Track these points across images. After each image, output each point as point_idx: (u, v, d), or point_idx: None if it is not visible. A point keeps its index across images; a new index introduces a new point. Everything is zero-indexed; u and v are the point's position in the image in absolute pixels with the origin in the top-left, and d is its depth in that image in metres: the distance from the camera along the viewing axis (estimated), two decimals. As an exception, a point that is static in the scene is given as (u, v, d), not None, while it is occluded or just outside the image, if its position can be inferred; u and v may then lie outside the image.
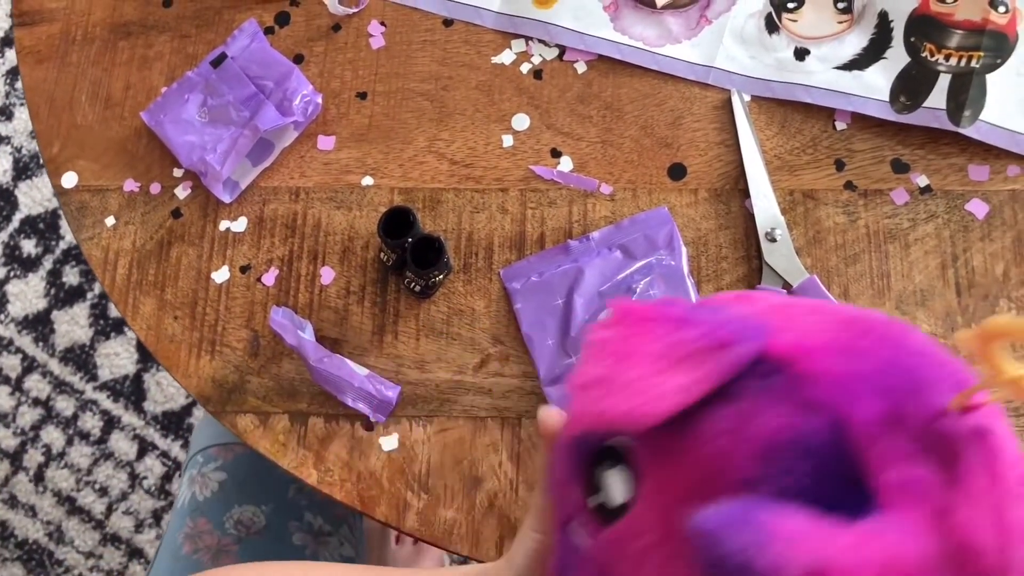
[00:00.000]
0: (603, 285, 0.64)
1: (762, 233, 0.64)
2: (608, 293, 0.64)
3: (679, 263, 0.64)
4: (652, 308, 0.34)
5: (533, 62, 0.71)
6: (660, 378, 0.31)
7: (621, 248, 0.65)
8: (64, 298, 1.41)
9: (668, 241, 0.65)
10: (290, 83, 0.69)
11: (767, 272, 0.64)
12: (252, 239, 0.69)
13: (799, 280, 0.63)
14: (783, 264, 0.64)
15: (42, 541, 1.33)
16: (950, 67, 0.66)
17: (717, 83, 0.69)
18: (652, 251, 0.65)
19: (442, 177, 0.69)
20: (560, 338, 0.63)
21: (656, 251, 0.65)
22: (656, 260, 0.64)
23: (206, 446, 0.80)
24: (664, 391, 0.31)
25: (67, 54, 0.74)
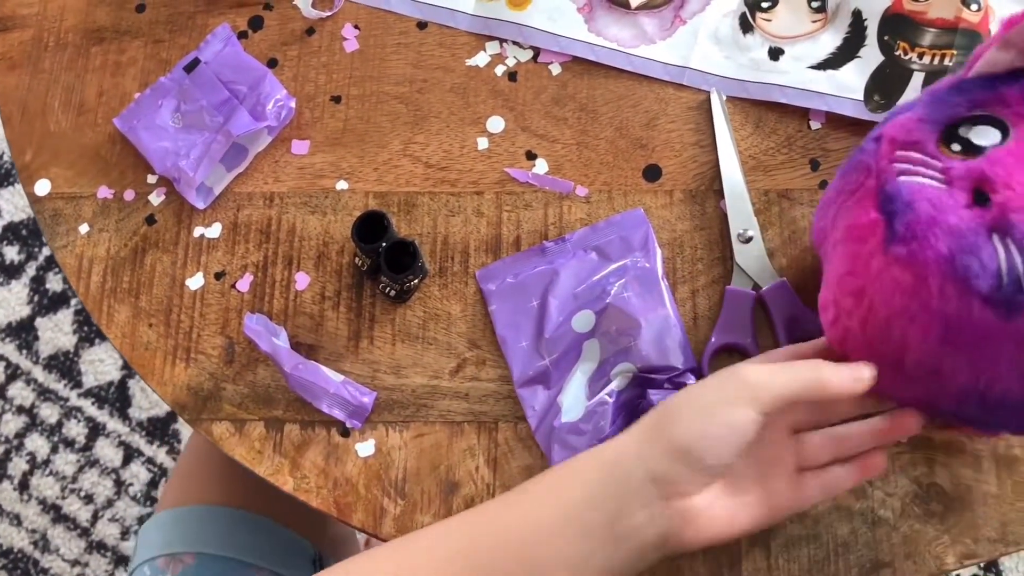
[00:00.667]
0: (578, 287, 0.64)
1: (734, 234, 0.64)
2: (582, 295, 0.64)
3: (654, 265, 0.64)
4: None
5: (508, 64, 0.71)
6: None
7: (596, 250, 0.65)
8: (48, 305, 1.40)
9: (643, 243, 0.65)
10: (263, 87, 0.69)
11: (737, 272, 0.64)
12: (227, 245, 0.68)
13: (769, 283, 0.63)
14: (754, 266, 0.64)
15: (27, 550, 1.32)
16: (924, 65, 0.66)
17: (692, 83, 0.69)
18: (627, 253, 0.64)
19: (417, 181, 0.69)
20: (534, 340, 0.63)
21: (631, 253, 0.64)
22: (631, 262, 0.64)
23: (152, 557, 0.74)
24: None
25: (39, 60, 0.74)
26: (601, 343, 0.62)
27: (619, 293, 0.63)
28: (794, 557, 0.60)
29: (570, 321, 0.63)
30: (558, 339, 0.63)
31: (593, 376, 0.62)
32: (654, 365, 0.61)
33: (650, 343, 0.61)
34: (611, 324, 0.62)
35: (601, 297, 0.63)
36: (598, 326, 0.62)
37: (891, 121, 0.51)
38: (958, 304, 0.46)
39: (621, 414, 0.61)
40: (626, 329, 0.62)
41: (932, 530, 0.59)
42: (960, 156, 0.48)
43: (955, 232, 0.46)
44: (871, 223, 0.49)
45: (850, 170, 0.52)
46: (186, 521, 0.75)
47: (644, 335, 0.61)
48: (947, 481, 0.60)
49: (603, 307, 0.62)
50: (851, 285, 0.50)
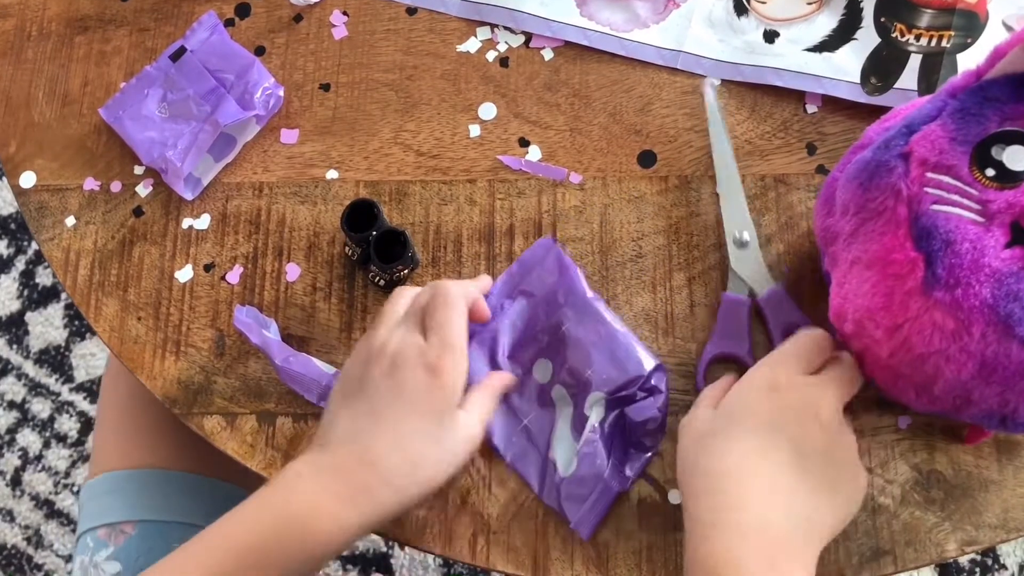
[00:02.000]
0: (522, 338, 0.62)
1: (730, 238, 0.63)
2: (528, 344, 0.62)
3: (576, 285, 0.62)
4: None
5: (499, 50, 0.70)
6: None
7: (522, 294, 0.63)
8: (38, 299, 1.39)
9: (557, 268, 0.63)
10: (251, 76, 0.68)
11: (733, 278, 0.62)
12: (216, 236, 0.67)
13: (766, 288, 0.62)
14: (749, 271, 0.62)
15: (20, 546, 1.31)
16: (921, 47, 0.65)
17: (686, 68, 0.68)
18: (547, 285, 0.63)
19: (408, 169, 0.68)
20: (505, 407, 0.61)
21: (551, 283, 0.62)
22: (557, 293, 0.62)
23: (92, 526, 0.74)
24: None
25: (22, 50, 0.73)
26: (566, 385, 0.61)
27: (558, 328, 0.61)
28: (794, 546, 0.59)
29: (532, 374, 0.62)
30: (528, 397, 0.61)
31: (574, 420, 0.61)
32: (619, 384, 0.60)
33: (606, 364, 0.60)
34: (564, 363, 0.61)
35: (545, 339, 0.62)
36: (555, 370, 0.61)
37: (918, 136, 0.50)
38: (997, 347, 0.48)
39: (612, 443, 0.60)
40: (579, 361, 0.60)
41: (933, 517, 0.59)
42: (996, 185, 0.49)
43: (998, 277, 0.47)
44: (908, 261, 0.49)
45: (871, 184, 0.51)
46: (122, 487, 0.74)
47: (597, 359, 0.60)
48: (948, 467, 0.59)
49: (552, 348, 0.61)
50: (886, 321, 0.50)
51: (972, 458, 0.59)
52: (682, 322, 0.63)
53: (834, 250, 0.56)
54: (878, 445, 0.60)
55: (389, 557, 1.27)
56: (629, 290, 0.64)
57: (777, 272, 0.63)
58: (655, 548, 0.60)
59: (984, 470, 0.59)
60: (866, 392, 0.61)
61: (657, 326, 0.63)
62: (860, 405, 0.61)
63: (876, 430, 0.60)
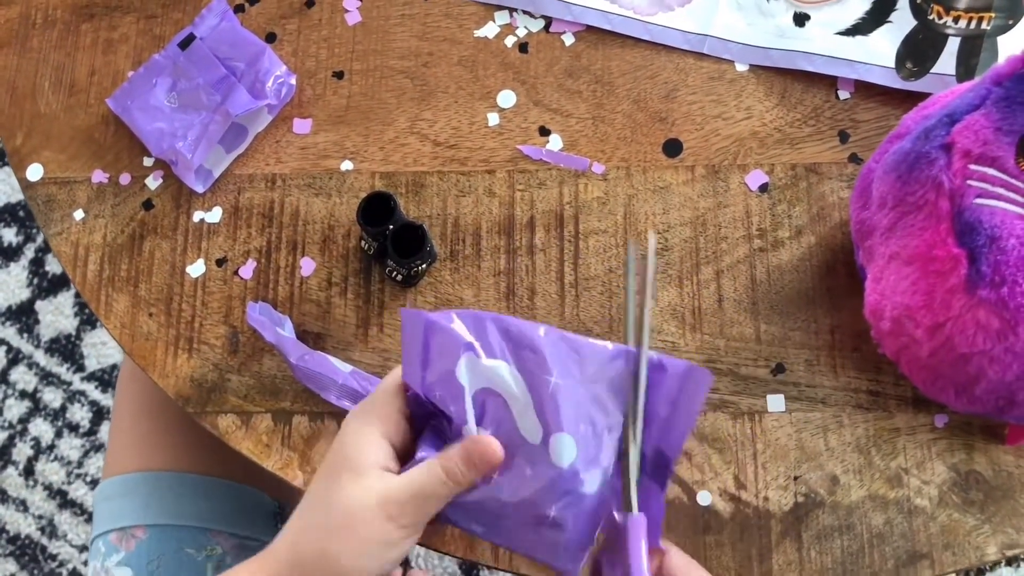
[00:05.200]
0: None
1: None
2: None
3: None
4: None
5: (518, 35, 0.67)
6: None
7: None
8: (48, 288, 1.37)
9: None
10: (262, 64, 0.66)
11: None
12: (228, 230, 0.65)
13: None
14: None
15: (34, 536, 1.31)
16: (959, 30, 0.62)
17: (713, 52, 0.66)
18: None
19: (425, 160, 0.66)
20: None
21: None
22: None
23: (104, 531, 0.72)
24: None
25: (27, 39, 0.71)
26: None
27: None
28: (827, 549, 0.57)
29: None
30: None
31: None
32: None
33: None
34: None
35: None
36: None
37: (961, 127, 0.48)
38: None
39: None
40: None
41: (972, 519, 0.57)
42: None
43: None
44: (950, 257, 0.47)
45: (911, 176, 0.49)
46: (134, 490, 0.73)
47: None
48: (987, 468, 0.57)
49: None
50: (926, 320, 0.48)
51: (1013, 458, 0.57)
52: (710, 317, 0.61)
53: (870, 244, 0.54)
54: (914, 445, 0.58)
55: (404, 547, 1.26)
56: (655, 284, 0.62)
57: (763, 289, 0.61)
58: (684, 551, 0.58)
59: (1025, 471, 0.57)
60: (902, 390, 0.59)
61: (684, 321, 0.61)
62: (896, 403, 0.59)
63: (912, 429, 0.58)
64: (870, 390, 0.59)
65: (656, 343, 0.61)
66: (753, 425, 0.59)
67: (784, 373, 0.60)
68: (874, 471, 0.58)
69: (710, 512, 0.58)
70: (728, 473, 0.59)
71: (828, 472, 0.58)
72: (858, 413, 0.59)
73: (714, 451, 0.59)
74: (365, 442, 0.46)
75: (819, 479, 0.58)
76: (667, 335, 0.61)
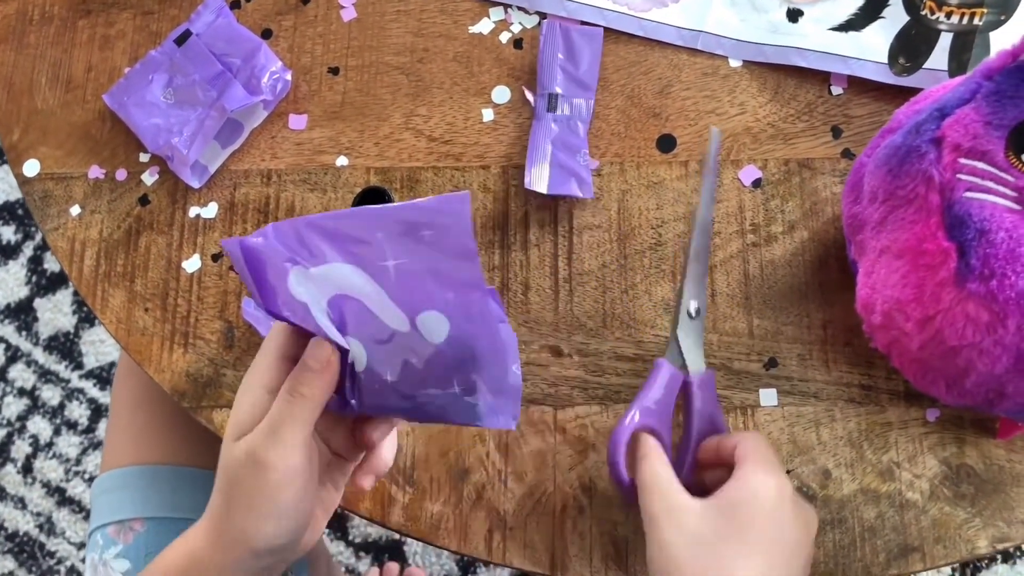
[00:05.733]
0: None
1: (684, 308, 0.57)
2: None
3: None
4: None
5: (513, 31, 0.68)
6: None
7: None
8: (46, 285, 1.38)
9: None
10: (258, 60, 0.66)
11: (672, 347, 0.56)
12: (223, 225, 0.66)
13: (699, 368, 0.56)
14: (690, 344, 0.56)
15: (33, 533, 1.31)
16: (951, 25, 0.62)
17: (707, 48, 0.66)
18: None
19: (420, 155, 0.66)
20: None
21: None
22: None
23: (103, 523, 0.72)
24: None
25: (24, 35, 0.71)
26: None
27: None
28: (818, 543, 0.57)
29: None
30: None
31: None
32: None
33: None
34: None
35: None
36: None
37: (951, 121, 0.48)
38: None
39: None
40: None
41: (963, 513, 0.57)
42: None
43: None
44: (940, 251, 0.47)
45: (901, 170, 0.50)
46: (132, 483, 0.73)
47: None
48: (978, 461, 0.58)
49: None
50: (916, 313, 0.49)
51: (1004, 452, 0.58)
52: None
53: (861, 238, 0.54)
54: (906, 439, 0.58)
55: (402, 544, 1.26)
56: (648, 279, 0.62)
57: (755, 283, 0.61)
58: (676, 544, 0.58)
59: (1017, 464, 0.57)
60: (894, 384, 0.59)
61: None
62: (888, 397, 0.59)
63: (904, 423, 0.59)
64: (862, 384, 0.59)
65: (650, 337, 0.61)
66: (746, 419, 0.60)
67: (777, 367, 0.60)
68: (866, 465, 0.58)
69: (703, 506, 0.58)
70: (721, 467, 0.59)
71: (820, 466, 0.58)
72: (850, 407, 0.59)
73: (707, 445, 0.59)
74: (245, 401, 0.45)
75: (811, 473, 0.58)
76: (661, 329, 0.61)
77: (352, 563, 1.26)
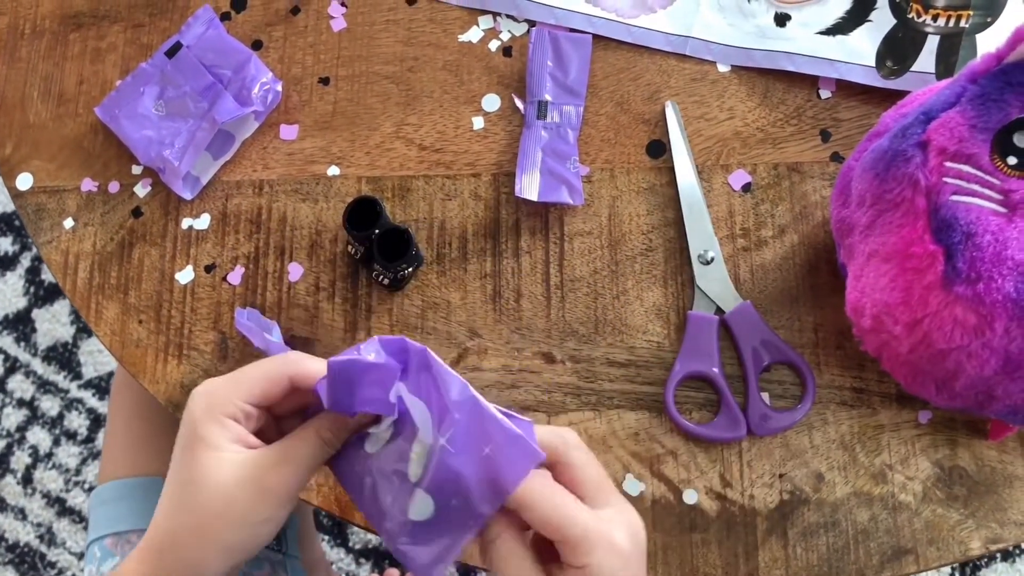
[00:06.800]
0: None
1: (694, 255, 0.62)
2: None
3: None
4: None
5: (502, 39, 0.68)
6: None
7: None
8: (44, 296, 1.38)
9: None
10: (248, 71, 0.66)
11: (699, 296, 0.61)
12: (216, 236, 0.66)
13: (733, 305, 0.60)
14: (716, 289, 0.61)
15: (33, 544, 1.31)
16: (938, 28, 0.63)
17: (695, 54, 0.66)
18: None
19: (411, 164, 0.66)
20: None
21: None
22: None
23: (100, 535, 0.72)
24: None
25: (16, 49, 0.71)
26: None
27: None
28: (812, 546, 0.57)
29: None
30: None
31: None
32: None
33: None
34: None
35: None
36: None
37: (937, 124, 0.49)
38: (1022, 342, 0.46)
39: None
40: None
41: (956, 514, 0.57)
42: (1018, 174, 0.47)
43: (1021, 270, 0.45)
44: (927, 255, 0.47)
45: (888, 174, 0.50)
46: (129, 495, 0.73)
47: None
48: (970, 463, 0.58)
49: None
50: (905, 316, 0.49)
51: (996, 453, 0.58)
52: (694, 317, 0.62)
53: (850, 242, 0.54)
54: (898, 441, 0.59)
55: (402, 550, 1.26)
56: (640, 285, 0.62)
57: (746, 288, 0.61)
58: (670, 549, 0.58)
59: (1008, 465, 0.58)
60: (886, 387, 0.59)
61: (669, 321, 0.62)
62: (880, 400, 0.59)
63: (896, 425, 0.59)
64: (854, 387, 0.60)
65: (641, 343, 0.61)
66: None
67: (768, 371, 0.60)
68: (859, 468, 0.58)
69: (696, 510, 0.59)
70: (714, 471, 0.59)
71: (813, 469, 0.59)
72: (842, 410, 0.59)
73: (700, 450, 0.59)
74: (214, 422, 0.44)
75: (804, 476, 0.59)
76: (652, 335, 0.61)
77: (352, 569, 1.26)
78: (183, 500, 0.44)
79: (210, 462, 0.43)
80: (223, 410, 0.44)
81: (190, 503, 0.44)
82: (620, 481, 0.59)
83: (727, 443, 0.59)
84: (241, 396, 0.44)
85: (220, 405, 0.44)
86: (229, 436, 0.44)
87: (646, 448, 0.60)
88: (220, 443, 0.44)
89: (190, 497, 0.44)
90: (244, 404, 0.44)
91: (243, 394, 0.45)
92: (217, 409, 0.44)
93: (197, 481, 0.43)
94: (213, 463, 0.43)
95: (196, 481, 0.43)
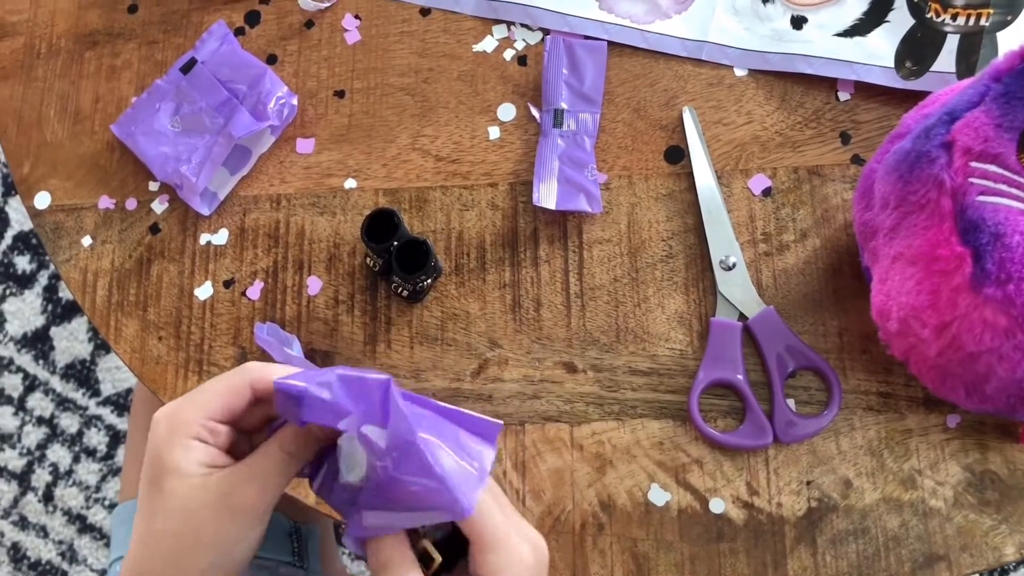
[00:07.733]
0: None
1: (716, 261, 0.61)
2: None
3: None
4: None
5: (516, 48, 0.68)
6: None
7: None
8: (61, 313, 1.39)
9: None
10: (263, 85, 0.66)
11: (722, 303, 0.60)
12: (234, 252, 0.66)
13: (756, 310, 0.60)
14: (739, 294, 0.60)
15: (55, 561, 1.31)
16: (958, 27, 0.62)
17: (711, 58, 0.66)
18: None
19: (428, 175, 0.66)
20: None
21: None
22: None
23: (122, 554, 0.70)
24: None
25: (32, 68, 0.71)
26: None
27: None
28: (842, 553, 0.57)
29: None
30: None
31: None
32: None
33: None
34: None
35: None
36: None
37: (961, 124, 0.48)
38: None
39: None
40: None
41: (988, 520, 0.56)
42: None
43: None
44: (955, 256, 0.47)
45: (912, 176, 0.49)
46: None
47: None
48: (1002, 467, 0.57)
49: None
50: (933, 319, 0.48)
51: (1027, 456, 0.57)
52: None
53: (874, 245, 0.54)
54: (927, 446, 0.58)
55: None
56: (661, 292, 0.62)
57: (769, 293, 0.61)
58: (698, 560, 0.57)
59: (1040, 469, 0.57)
60: (913, 391, 0.59)
61: (691, 329, 0.61)
62: (907, 404, 0.58)
63: (924, 430, 0.58)
64: (880, 392, 0.59)
65: (664, 351, 0.61)
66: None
67: (794, 377, 0.60)
68: (887, 473, 0.58)
69: (723, 519, 0.58)
70: (740, 480, 0.58)
71: (841, 476, 0.58)
72: (869, 415, 0.59)
73: (726, 458, 0.59)
74: (178, 446, 0.43)
75: (832, 483, 0.58)
76: (675, 342, 0.61)
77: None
78: (153, 530, 0.43)
79: (176, 489, 0.42)
80: (186, 432, 0.43)
81: (160, 532, 0.43)
82: (645, 491, 0.59)
83: (753, 451, 0.58)
84: (203, 414, 0.43)
85: (182, 427, 0.43)
86: (194, 459, 0.43)
87: (671, 457, 0.59)
88: (185, 467, 0.42)
89: (160, 526, 0.43)
90: (207, 421, 0.43)
91: (205, 412, 0.43)
92: (180, 431, 0.43)
93: (165, 510, 0.43)
94: (179, 489, 0.42)
95: (164, 510, 0.43)
